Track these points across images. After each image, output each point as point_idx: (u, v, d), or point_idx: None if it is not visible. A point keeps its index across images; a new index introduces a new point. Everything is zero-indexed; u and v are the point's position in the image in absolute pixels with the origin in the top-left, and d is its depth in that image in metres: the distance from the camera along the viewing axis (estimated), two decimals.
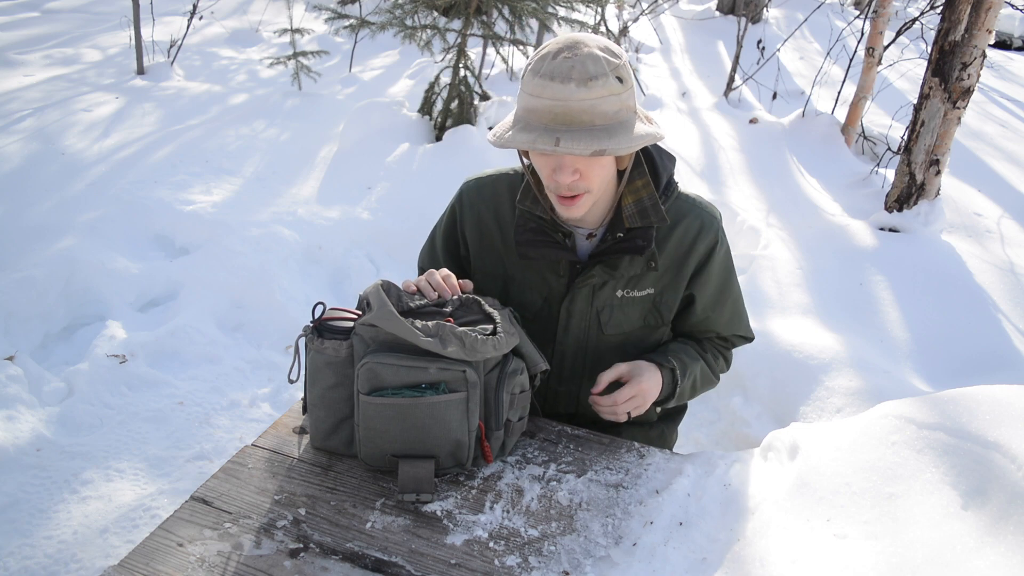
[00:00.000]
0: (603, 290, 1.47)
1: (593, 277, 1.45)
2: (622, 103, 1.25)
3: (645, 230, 1.40)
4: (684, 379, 1.51)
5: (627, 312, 1.50)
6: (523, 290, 1.51)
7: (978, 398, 1.20)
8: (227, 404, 2.74)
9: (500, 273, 1.53)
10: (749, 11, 8.53)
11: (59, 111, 4.82)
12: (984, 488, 1.05)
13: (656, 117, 5.54)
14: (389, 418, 1.25)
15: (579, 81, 1.21)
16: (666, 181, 1.45)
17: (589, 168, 1.29)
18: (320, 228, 3.75)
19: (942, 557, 0.97)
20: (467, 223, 1.55)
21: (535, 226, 1.44)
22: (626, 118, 1.27)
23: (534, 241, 1.44)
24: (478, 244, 1.55)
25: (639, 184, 1.41)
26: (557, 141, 1.21)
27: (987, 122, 6.26)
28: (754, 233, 3.83)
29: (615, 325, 1.50)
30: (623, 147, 1.23)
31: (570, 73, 1.21)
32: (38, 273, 3.06)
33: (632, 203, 1.40)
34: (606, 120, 1.23)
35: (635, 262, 1.44)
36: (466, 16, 4.62)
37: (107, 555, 2.07)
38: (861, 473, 1.16)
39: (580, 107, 1.21)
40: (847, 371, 2.63)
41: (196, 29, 7.10)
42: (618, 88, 1.24)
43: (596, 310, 1.49)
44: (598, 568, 1.15)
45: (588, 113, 1.22)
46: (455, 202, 1.58)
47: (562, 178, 1.29)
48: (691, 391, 1.58)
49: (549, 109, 1.23)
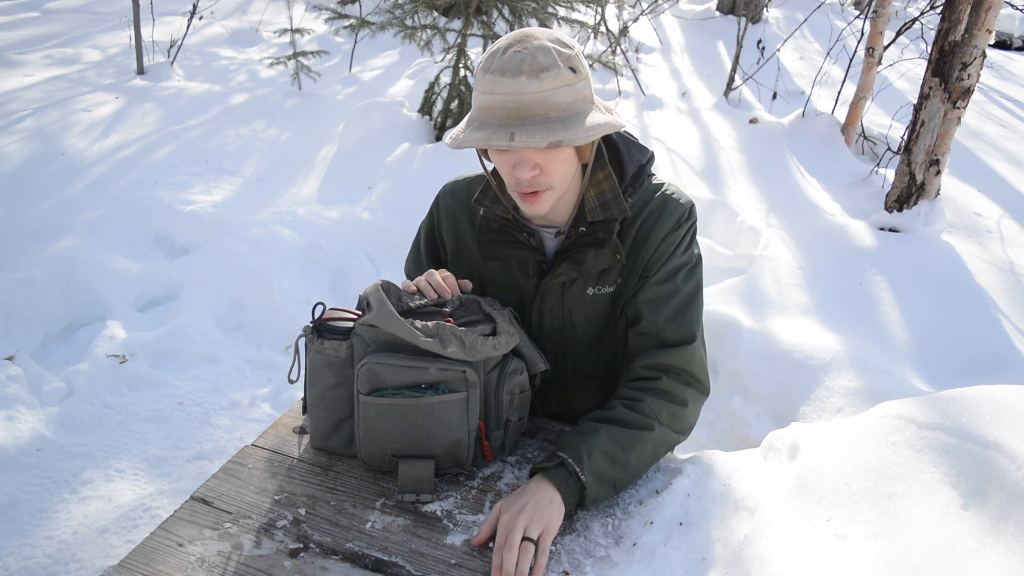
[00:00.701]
0: (572, 288, 1.44)
1: (560, 275, 1.42)
2: (576, 93, 1.23)
3: (607, 223, 1.37)
4: (582, 463, 1.23)
5: (598, 308, 1.46)
6: (498, 292, 1.49)
7: (978, 398, 1.20)
8: (227, 404, 2.74)
9: (476, 276, 1.51)
10: (749, 11, 8.53)
11: (59, 111, 4.82)
12: (984, 488, 1.05)
13: (656, 117, 5.56)
14: (389, 418, 1.25)
15: (530, 74, 1.19)
16: (634, 172, 1.42)
17: (548, 163, 1.27)
18: (320, 228, 3.75)
19: (942, 557, 0.97)
20: (444, 227, 1.54)
21: (497, 226, 1.42)
22: (582, 108, 1.25)
23: (496, 241, 1.42)
24: (454, 247, 1.54)
25: (600, 176, 1.38)
26: (512, 136, 1.19)
27: (987, 122, 6.26)
28: (754, 233, 3.83)
29: (587, 323, 1.47)
30: (580, 137, 1.21)
31: (520, 66, 1.19)
32: (38, 273, 3.06)
33: (594, 196, 1.38)
34: (561, 111, 1.22)
35: (600, 256, 1.39)
36: (466, 16, 4.62)
37: (107, 555, 2.07)
38: (861, 473, 1.16)
39: (533, 100, 1.20)
40: (847, 371, 2.63)
41: (196, 29, 7.10)
42: (571, 78, 1.22)
43: (568, 309, 1.46)
44: (598, 568, 1.15)
45: (542, 105, 1.20)
46: (432, 207, 1.57)
47: (522, 174, 1.27)
48: (618, 468, 1.27)
49: (502, 105, 1.21)
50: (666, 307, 1.38)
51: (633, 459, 1.29)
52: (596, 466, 1.24)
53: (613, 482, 1.27)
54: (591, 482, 1.23)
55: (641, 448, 1.30)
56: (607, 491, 1.27)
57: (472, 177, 1.55)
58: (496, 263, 1.47)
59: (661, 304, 1.38)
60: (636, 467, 1.30)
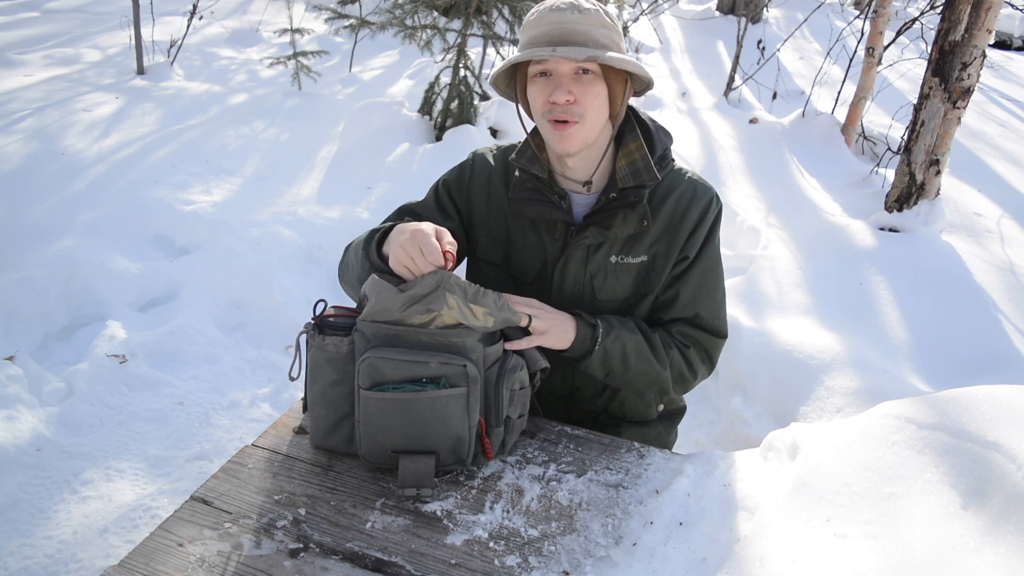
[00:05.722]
0: (597, 253, 1.49)
1: (587, 238, 1.47)
2: (611, 38, 1.38)
3: (637, 188, 1.45)
4: (607, 338, 1.43)
5: (620, 278, 1.50)
6: (523, 254, 1.54)
7: (978, 398, 1.20)
8: (227, 404, 2.74)
9: (504, 237, 1.56)
10: (749, 11, 8.53)
11: (59, 111, 4.82)
12: (984, 488, 1.05)
13: (656, 117, 5.55)
14: (390, 413, 1.25)
15: (575, 9, 1.36)
16: (662, 151, 1.51)
17: (583, 93, 1.37)
18: (320, 228, 3.75)
19: (942, 557, 0.97)
20: (476, 185, 1.58)
21: (531, 185, 1.50)
22: (616, 49, 1.38)
23: (529, 199, 1.49)
24: (485, 206, 1.57)
25: (632, 147, 1.47)
26: (554, 50, 1.33)
27: (987, 122, 6.26)
28: (754, 233, 3.83)
29: (608, 291, 1.51)
30: (615, 60, 1.33)
31: (568, 4, 1.37)
32: (38, 273, 3.06)
33: (625, 165, 1.46)
34: (598, 44, 1.36)
35: (628, 221, 1.46)
36: (466, 16, 4.62)
37: (107, 555, 2.07)
38: (861, 473, 1.16)
39: (575, 28, 1.35)
40: (847, 371, 2.63)
41: (196, 29, 7.10)
42: (609, 22, 1.39)
43: (590, 274, 1.50)
44: (598, 568, 1.15)
45: (583, 35, 1.35)
46: (466, 163, 1.62)
47: (558, 96, 1.36)
48: (621, 364, 1.45)
49: (546, 32, 1.36)
50: (706, 300, 1.52)
51: (635, 372, 1.47)
52: (610, 350, 1.44)
53: (609, 370, 1.46)
54: (598, 354, 1.43)
55: (646, 371, 1.47)
56: (599, 370, 1.46)
57: (506, 146, 1.62)
58: (525, 224, 1.53)
59: (701, 295, 1.51)
60: (631, 378, 1.49)
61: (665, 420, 1.70)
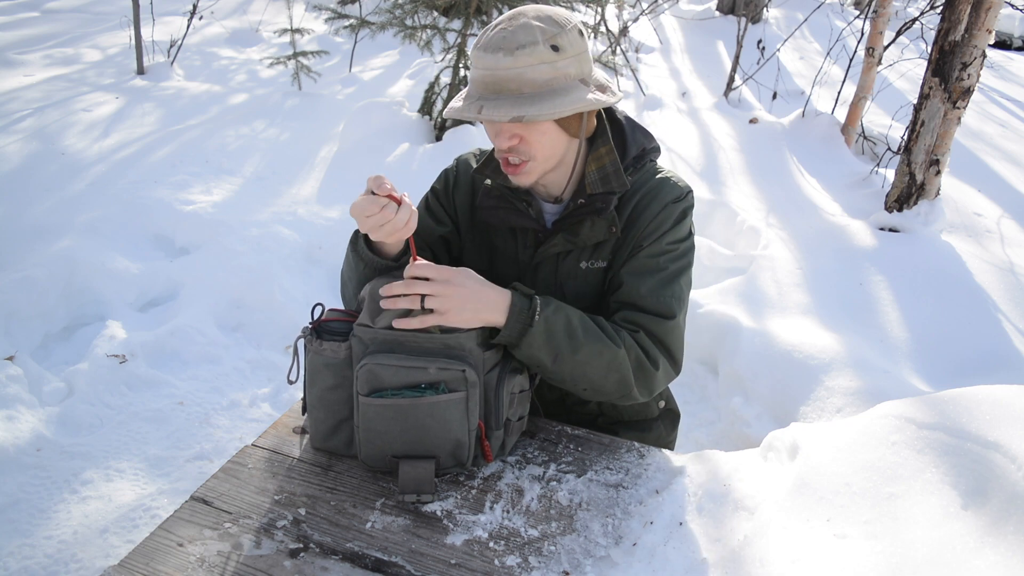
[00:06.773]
0: (567, 261, 1.47)
1: (555, 246, 1.45)
2: (556, 71, 1.27)
3: (605, 195, 1.41)
4: (546, 309, 1.30)
5: (591, 282, 1.48)
6: (501, 262, 1.53)
7: (978, 398, 1.20)
8: (227, 404, 2.74)
9: (487, 245, 1.55)
10: (749, 11, 8.53)
11: (59, 111, 4.82)
12: (984, 488, 1.05)
13: (656, 117, 5.55)
14: (389, 419, 1.25)
15: (507, 51, 1.25)
16: (636, 153, 1.45)
17: (528, 135, 1.32)
18: (320, 228, 3.75)
19: (942, 557, 0.97)
20: (460, 191, 1.57)
21: (498, 194, 1.48)
22: (561, 86, 1.28)
23: (496, 207, 1.47)
24: (468, 213, 1.56)
25: (603, 151, 1.42)
26: (480, 109, 1.27)
27: (987, 122, 6.26)
28: (754, 233, 3.83)
29: (579, 297, 1.48)
30: (544, 114, 1.25)
31: (500, 44, 1.26)
32: (38, 273, 3.06)
33: (595, 170, 1.42)
34: (535, 88, 1.27)
35: (596, 227, 1.42)
36: (466, 16, 4.62)
37: (107, 555, 2.07)
38: (861, 473, 1.16)
39: (507, 75, 1.26)
40: (847, 371, 2.63)
41: (196, 29, 7.11)
42: (550, 57, 1.26)
43: (560, 282, 1.48)
44: (598, 568, 1.15)
45: (515, 81, 1.26)
46: (450, 170, 1.60)
47: (500, 143, 1.33)
48: (568, 340, 1.30)
49: (481, 79, 1.29)
50: (649, 279, 1.40)
51: (587, 352, 1.31)
52: (553, 324, 1.30)
53: (556, 351, 1.31)
54: (538, 328, 1.28)
55: (599, 349, 1.32)
56: (543, 352, 1.30)
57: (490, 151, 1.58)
58: (505, 231, 1.51)
59: (645, 276, 1.40)
60: (583, 360, 1.32)
61: (665, 421, 1.70)
